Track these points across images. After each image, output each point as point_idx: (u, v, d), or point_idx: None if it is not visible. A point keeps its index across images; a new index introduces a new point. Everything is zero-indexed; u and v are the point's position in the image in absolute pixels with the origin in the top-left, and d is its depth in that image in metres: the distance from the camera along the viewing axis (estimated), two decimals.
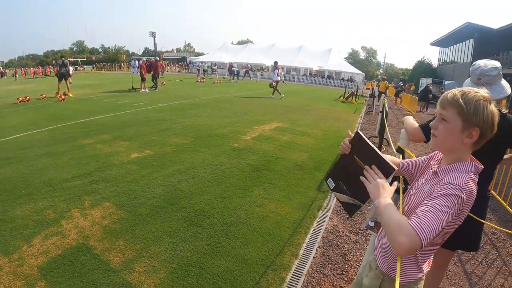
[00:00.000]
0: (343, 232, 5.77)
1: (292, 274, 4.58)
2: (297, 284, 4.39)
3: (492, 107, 1.86)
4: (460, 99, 1.89)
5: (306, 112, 18.72)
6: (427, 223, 1.67)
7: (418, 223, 1.67)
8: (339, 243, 5.41)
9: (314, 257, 5.01)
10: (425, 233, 1.64)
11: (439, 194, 1.80)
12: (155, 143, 10.39)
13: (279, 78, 26.94)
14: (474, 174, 1.93)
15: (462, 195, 1.78)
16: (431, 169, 2.17)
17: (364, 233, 5.66)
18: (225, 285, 4.29)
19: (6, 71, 64.74)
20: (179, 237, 5.33)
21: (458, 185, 1.80)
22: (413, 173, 2.42)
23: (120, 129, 12.30)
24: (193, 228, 5.59)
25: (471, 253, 5.32)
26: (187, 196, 6.69)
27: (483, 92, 1.90)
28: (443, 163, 2.11)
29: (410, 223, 1.69)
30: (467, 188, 1.82)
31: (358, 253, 5.11)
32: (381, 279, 2.33)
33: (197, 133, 11.64)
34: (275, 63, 27.03)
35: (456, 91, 1.97)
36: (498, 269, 4.97)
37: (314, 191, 7.24)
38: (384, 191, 1.92)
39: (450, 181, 1.83)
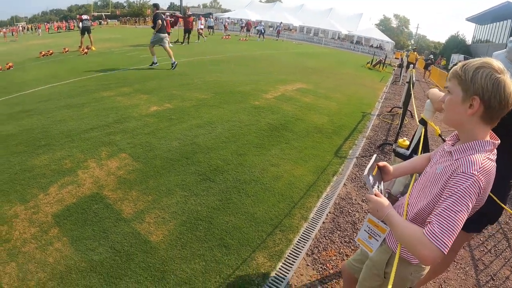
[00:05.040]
0: (355, 200, 5.70)
1: (300, 237, 4.59)
2: (303, 247, 4.40)
3: (503, 77, 1.70)
4: (460, 69, 1.83)
5: (331, 76, 18.37)
6: (444, 231, 1.59)
7: (435, 234, 1.60)
8: (350, 211, 5.36)
9: (323, 222, 4.99)
10: (443, 243, 1.57)
11: (454, 191, 1.69)
12: (175, 97, 10.36)
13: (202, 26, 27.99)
14: (491, 152, 1.83)
15: (479, 181, 1.68)
16: (446, 145, 2.08)
17: None
18: (232, 241, 4.35)
19: (29, 26, 64.88)
20: (191, 191, 5.38)
21: (472, 173, 1.69)
22: None
23: (140, 83, 12.30)
24: (205, 183, 5.62)
25: (481, 239, 5.21)
26: (202, 150, 6.70)
27: (496, 63, 1.75)
28: (458, 142, 2.01)
29: (426, 234, 1.62)
30: (483, 170, 1.72)
31: None
32: (390, 254, 2.30)
33: (218, 89, 11.55)
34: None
35: (461, 62, 1.86)
36: (506, 260, 4.77)
37: (331, 155, 7.15)
38: (382, 206, 1.92)
39: (464, 170, 1.72)
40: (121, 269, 3.96)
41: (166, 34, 15.72)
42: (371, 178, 2.16)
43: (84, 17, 23.11)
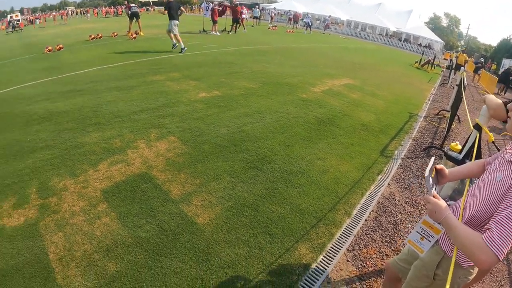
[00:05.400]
0: (399, 201, 5.59)
1: (342, 232, 4.54)
2: (345, 243, 4.36)
3: None
4: None
5: (378, 73, 18.00)
6: (502, 238, 1.58)
7: (494, 241, 1.59)
8: (393, 211, 5.25)
9: (366, 220, 4.92)
10: (501, 250, 1.56)
11: None
12: (224, 85, 10.40)
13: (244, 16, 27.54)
14: None
15: None
16: (506, 153, 2.01)
17: (420, 207, 5.45)
18: (276, 229, 4.36)
19: (77, 10, 66.48)
20: (238, 178, 5.41)
21: None
22: None
23: (189, 69, 12.42)
24: (253, 171, 5.63)
25: None
26: (250, 139, 6.71)
27: None
28: None
29: (485, 239, 1.60)
30: None
31: (410, 225, 4.93)
32: (442, 256, 2.27)
33: (266, 80, 11.50)
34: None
35: None
36: None
37: (377, 154, 7.02)
38: (441, 208, 1.88)
39: None
40: (167, 247, 4.04)
41: (178, 22, 16.77)
42: (430, 179, 2.14)
43: (132, 4, 23.51)
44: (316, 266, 3.92)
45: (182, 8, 16.47)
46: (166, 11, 16.45)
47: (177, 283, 3.58)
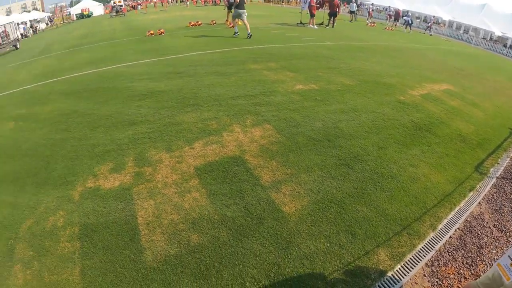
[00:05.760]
0: (487, 223, 5.17)
1: (424, 245, 4.29)
2: (425, 256, 4.12)
3: None
4: None
5: (481, 81, 16.82)
6: None
7: None
8: (479, 233, 4.86)
9: (450, 237, 4.60)
10: None
11: None
12: (321, 79, 10.26)
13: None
14: None
15: None
16: None
17: (508, 233, 5.02)
18: (359, 230, 4.26)
19: None
20: (329, 173, 5.33)
21: None
22: None
23: (287, 60, 12.41)
24: (344, 168, 5.53)
25: None
26: (345, 136, 6.58)
27: None
28: None
29: None
30: None
31: (495, 251, 4.50)
32: None
33: (364, 77, 11.16)
34: None
35: None
36: None
37: (471, 169, 6.55)
38: None
39: None
40: (250, 229, 4.14)
41: (244, 10, 17.83)
42: None
43: None
44: (392, 274, 3.79)
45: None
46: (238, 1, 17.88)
47: (254, 265, 3.67)
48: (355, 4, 42.32)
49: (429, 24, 43.44)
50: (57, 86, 10.92)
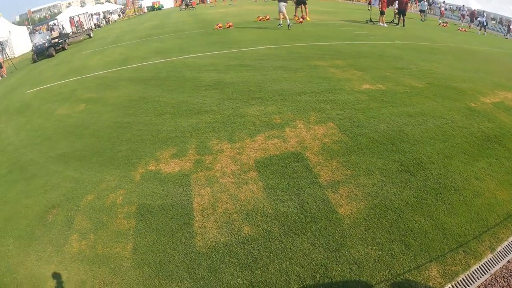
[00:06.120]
0: None
1: (480, 266, 3.98)
2: (478, 279, 3.82)
3: None
4: None
5: None
6: None
7: None
8: None
9: (508, 261, 4.28)
10: None
11: None
12: (388, 79, 9.96)
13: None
14: None
15: None
16: None
17: None
18: (414, 242, 4.07)
19: None
20: (389, 178, 5.15)
21: None
22: None
23: (354, 58, 12.18)
24: (405, 175, 5.31)
25: None
26: (409, 140, 6.33)
27: None
28: None
29: None
30: None
31: None
32: None
33: (433, 80, 10.69)
34: None
35: None
36: None
37: None
38: None
39: None
40: (303, 227, 4.11)
41: (285, 3, 19.09)
42: None
43: None
44: None
45: None
46: None
47: (301, 263, 3.65)
48: (426, 2, 40.67)
49: (509, 27, 39.76)
50: (127, 74, 11.36)
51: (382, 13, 24.48)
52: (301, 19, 21.67)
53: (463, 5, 48.22)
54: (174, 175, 5.12)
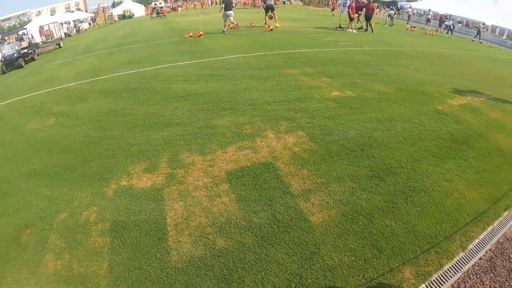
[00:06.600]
0: None
1: (452, 265, 4.10)
2: (451, 277, 3.95)
3: None
4: None
5: None
6: None
7: None
8: (511, 256, 4.69)
9: (480, 258, 4.42)
10: None
11: None
12: (357, 85, 10.11)
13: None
14: None
15: None
16: None
17: None
18: (386, 246, 4.17)
19: (217, 0, 69.77)
20: (360, 184, 5.26)
21: None
22: None
23: (324, 65, 12.30)
24: (375, 180, 5.43)
25: None
26: (379, 146, 6.45)
27: None
28: None
29: None
30: None
31: None
32: None
33: (401, 85, 10.88)
34: None
35: None
36: None
37: (509, 186, 6.19)
38: None
39: None
40: (276, 237, 4.16)
41: (231, 11, 21.21)
42: None
43: None
44: None
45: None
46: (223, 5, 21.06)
47: (276, 273, 3.69)
48: (392, 11, 42.07)
49: (480, 29, 40.55)
50: (98, 85, 11.26)
51: (350, 19, 24.88)
52: (271, 27, 21.83)
53: (429, 9, 49.31)
54: (147, 190, 5.11)
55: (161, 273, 3.76)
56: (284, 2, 64.06)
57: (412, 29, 35.38)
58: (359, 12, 27.13)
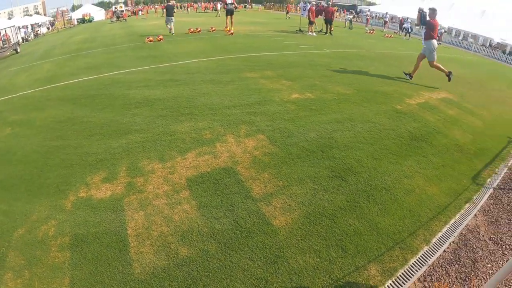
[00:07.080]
0: (483, 236, 5.08)
1: (417, 259, 4.19)
2: (417, 271, 4.03)
3: None
4: None
5: (479, 89, 16.62)
6: None
7: None
8: (474, 246, 4.78)
9: (444, 251, 4.51)
10: None
11: None
12: (317, 87, 10.23)
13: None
14: None
15: None
16: None
17: (504, 246, 4.97)
18: (350, 245, 4.21)
19: (178, 5, 69.53)
20: (321, 185, 5.29)
21: None
22: None
23: (284, 68, 12.40)
24: (337, 180, 5.48)
25: None
26: (339, 147, 6.53)
27: None
28: None
29: None
30: None
31: (489, 265, 4.36)
32: None
33: (361, 86, 11.11)
34: None
35: None
36: None
37: (468, 180, 6.45)
38: None
39: None
40: (239, 243, 4.13)
41: (172, 17, 23.27)
42: None
43: (229, 1, 24.13)
44: None
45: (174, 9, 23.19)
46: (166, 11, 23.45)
47: (241, 279, 3.65)
48: (350, 16, 43.04)
49: (442, 32, 41.74)
50: (55, 92, 10.95)
51: (311, 22, 25.19)
52: (232, 31, 21.85)
53: (386, 13, 50.78)
54: (106, 201, 4.96)
55: (124, 287, 3.64)
56: (245, 6, 64.32)
57: (371, 31, 36.21)
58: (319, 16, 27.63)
